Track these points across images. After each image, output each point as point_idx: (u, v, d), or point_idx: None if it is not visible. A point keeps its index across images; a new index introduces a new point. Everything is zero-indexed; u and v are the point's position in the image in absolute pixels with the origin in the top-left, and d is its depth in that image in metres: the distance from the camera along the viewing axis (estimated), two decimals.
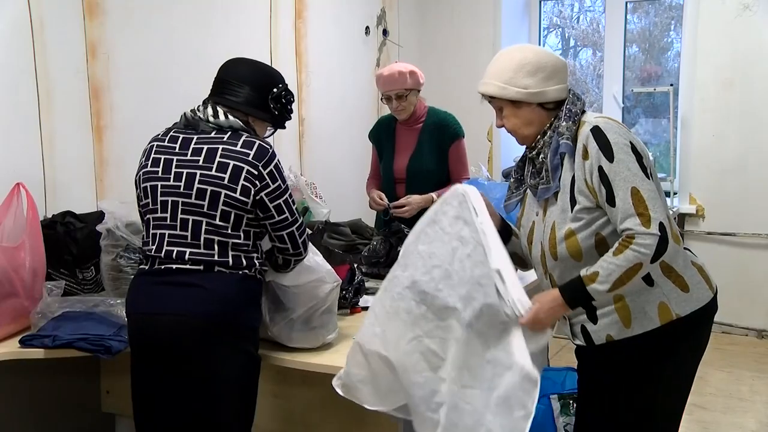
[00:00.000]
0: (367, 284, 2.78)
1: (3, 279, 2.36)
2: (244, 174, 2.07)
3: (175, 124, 2.22)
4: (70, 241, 2.73)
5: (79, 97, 3.13)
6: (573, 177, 1.96)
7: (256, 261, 2.12)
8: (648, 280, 1.94)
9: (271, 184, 2.10)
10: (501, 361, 1.87)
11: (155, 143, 2.18)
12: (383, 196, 3.47)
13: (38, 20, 2.94)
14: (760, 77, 4.60)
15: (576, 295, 1.90)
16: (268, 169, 2.10)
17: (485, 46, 5.27)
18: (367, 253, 3.05)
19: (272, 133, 2.33)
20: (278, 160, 2.14)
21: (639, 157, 1.88)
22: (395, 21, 5.19)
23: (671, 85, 4.82)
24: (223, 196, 2.06)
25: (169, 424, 2.10)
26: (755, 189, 4.69)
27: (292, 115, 2.31)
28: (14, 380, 2.57)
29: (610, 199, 1.87)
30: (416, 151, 3.50)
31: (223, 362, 2.06)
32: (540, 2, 5.57)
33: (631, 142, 1.90)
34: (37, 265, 2.50)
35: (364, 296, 2.69)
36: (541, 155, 2.05)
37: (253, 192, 2.08)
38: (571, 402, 2.88)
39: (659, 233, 1.81)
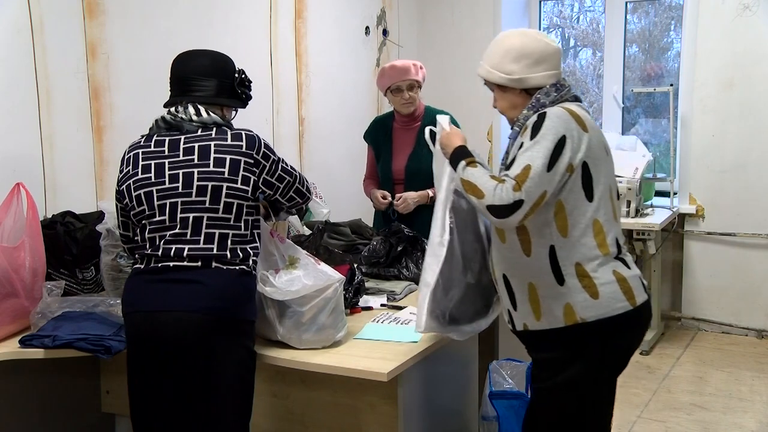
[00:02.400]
0: (367, 284, 2.78)
1: (3, 279, 2.37)
2: (242, 165, 2.14)
3: (151, 129, 2.23)
4: (70, 241, 2.74)
5: (79, 97, 3.13)
6: None
7: (251, 251, 2.16)
8: (559, 277, 2.00)
9: (267, 163, 2.20)
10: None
11: (139, 150, 2.19)
12: (387, 194, 3.47)
13: (38, 20, 2.94)
14: (760, 77, 4.60)
15: (457, 157, 2.07)
16: (261, 153, 2.19)
17: (485, 46, 5.25)
18: (367, 253, 3.05)
19: (235, 115, 2.36)
20: (262, 139, 2.23)
21: (559, 151, 1.93)
22: (395, 21, 5.19)
23: (671, 85, 4.81)
24: (225, 188, 2.11)
25: (170, 422, 2.10)
26: (755, 189, 4.68)
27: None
28: (14, 380, 2.56)
29: (509, 167, 1.95)
30: (415, 151, 3.49)
31: (223, 358, 2.07)
32: (540, 2, 5.57)
33: (564, 136, 1.94)
34: (37, 265, 2.50)
35: (364, 296, 2.69)
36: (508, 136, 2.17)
37: (253, 180, 2.16)
38: None
39: (512, 203, 1.87)
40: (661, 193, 4.99)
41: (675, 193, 4.81)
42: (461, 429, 2.65)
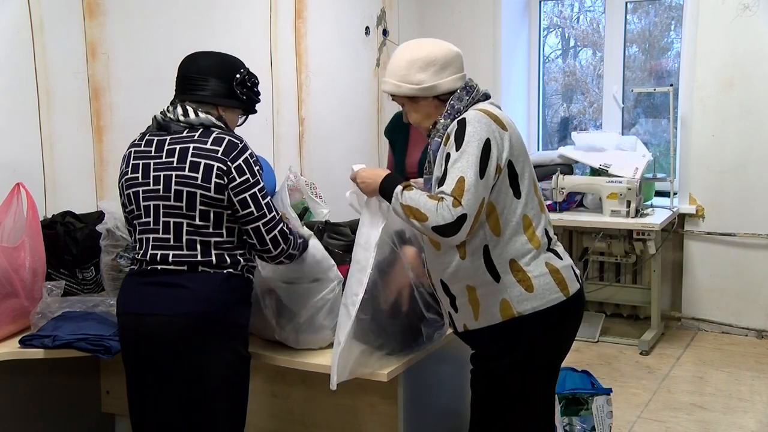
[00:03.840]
0: None
1: (3, 279, 2.37)
2: (215, 171, 2.05)
3: (148, 128, 2.21)
4: (70, 241, 2.74)
5: (79, 97, 3.13)
6: None
7: (240, 258, 2.12)
8: (495, 275, 2.02)
9: (237, 177, 2.06)
10: None
11: (133, 149, 2.19)
12: None
13: (38, 20, 2.94)
14: (760, 77, 4.60)
15: (389, 185, 2.04)
16: (237, 163, 2.07)
17: (485, 46, 5.26)
18: None
19: (245, 120, 2.31)
20: (250, 154, 2.11)
21: (486, 155, 1.93)
22: (395, 21, 5.19)
23: (671, 85, 4.81)
24: (198, 196, 2.06)
25: (163, 423, 2.11)
26: (755, 189, 4.68)
27: (260, 97, 2.28)
28: (14, 380, 2.57)
29: (442, 181, 1.95)
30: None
31: (210, 361, 2.06)
32: (540, 2, 5.57)
33: (488, 139, 1.95)
34: (37, 265, 2.50)
35: None
36: (429, 147, 2.14)
37: (224, 188, 2.06)
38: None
39: (456, 219, 1.88)
40: (661, 193, 4.99)
41: (675, 193, 4.81)
42: (461, 429, 2.64)
